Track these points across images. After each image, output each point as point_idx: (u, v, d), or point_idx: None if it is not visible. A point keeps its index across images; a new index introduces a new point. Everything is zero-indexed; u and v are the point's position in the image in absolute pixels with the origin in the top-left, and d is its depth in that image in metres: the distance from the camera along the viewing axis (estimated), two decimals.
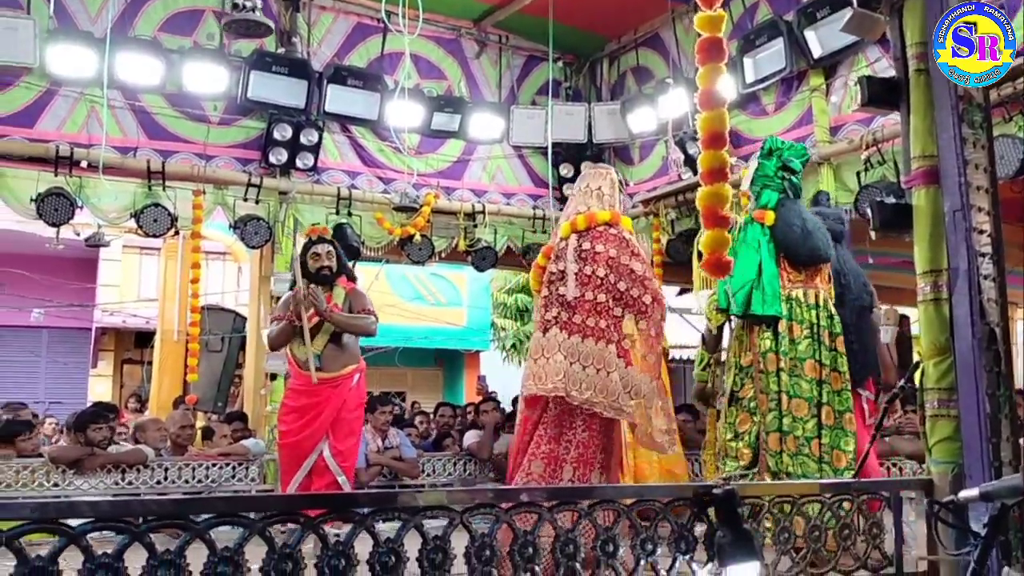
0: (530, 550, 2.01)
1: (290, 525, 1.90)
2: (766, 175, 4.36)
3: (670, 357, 13.75)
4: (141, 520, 1.72)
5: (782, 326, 4.10)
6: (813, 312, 4.17)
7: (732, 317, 4.34)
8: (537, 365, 3.66)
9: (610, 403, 3.60)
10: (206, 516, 1.75)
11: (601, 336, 3.65)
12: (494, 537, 1.98)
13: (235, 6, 4.93)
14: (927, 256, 2.66)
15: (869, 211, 2.86)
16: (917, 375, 2.75)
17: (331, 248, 5.47)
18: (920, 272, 2.68)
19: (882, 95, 2.80)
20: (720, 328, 4.60)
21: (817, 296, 4.21)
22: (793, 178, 4.40)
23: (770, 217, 4.24)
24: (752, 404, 4.10)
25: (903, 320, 6.16)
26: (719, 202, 2.79)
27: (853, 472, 3.28)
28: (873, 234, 2.86)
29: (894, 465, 5.49)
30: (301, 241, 5.92)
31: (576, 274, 3.71)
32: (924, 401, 2.66)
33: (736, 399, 4.15)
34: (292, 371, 5.42)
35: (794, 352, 4.09)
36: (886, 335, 3.37)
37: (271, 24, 5.19)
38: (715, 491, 2.21)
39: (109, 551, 1.66)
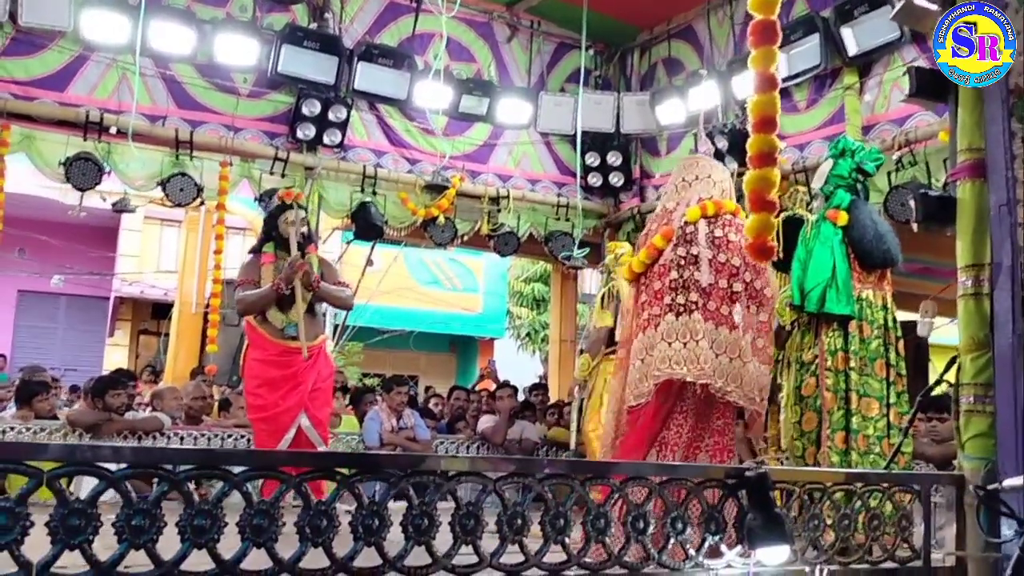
0: (561, 521, 2.00)
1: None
2: (840, 175, 4.34)
3: None
4: (174, 468, 1.71)
5: (852, 325, 4.11)
6: (881, 313, 4.19)
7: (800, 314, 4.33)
8: (687, 349, 3.57)
9: (745, 393, 3.59)
10: (242, 469, 1.75)
11: (736, 325, 3.63)
12: (525, 507, 1.97)
13: None
14: (970, 250, 2.63)
15: (912, 203, 2.83)
16: (952, 371, 2.72)
17: (304, 214, 5.41)
18: (961, 266, 2.65)
19: (930, 87, 2.77)
20: (793, 324, 4.58)
21: (884, 298, 4.23)
22: (866, 180, 4.41)
23: (843, 217, 4.22)
24: (817, 402, 4.10)
25: (913, 327, 6.13)
26: (767, 186, 2.77)
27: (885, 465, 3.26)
28: (915, 226, 2.83)
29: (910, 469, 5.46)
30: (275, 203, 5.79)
31: (710, 260, 3.68)
32: (959, 396, 2.64)
33: (800, 397, 4.14)
34: (258, 340, 5.18)
35: (865, 351, 4.09)
36: (924, 328, 3.34)
37: None
38: (747, 474, 2.19)
39: (147, 497, 1.66)
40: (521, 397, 7.84)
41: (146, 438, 6.05)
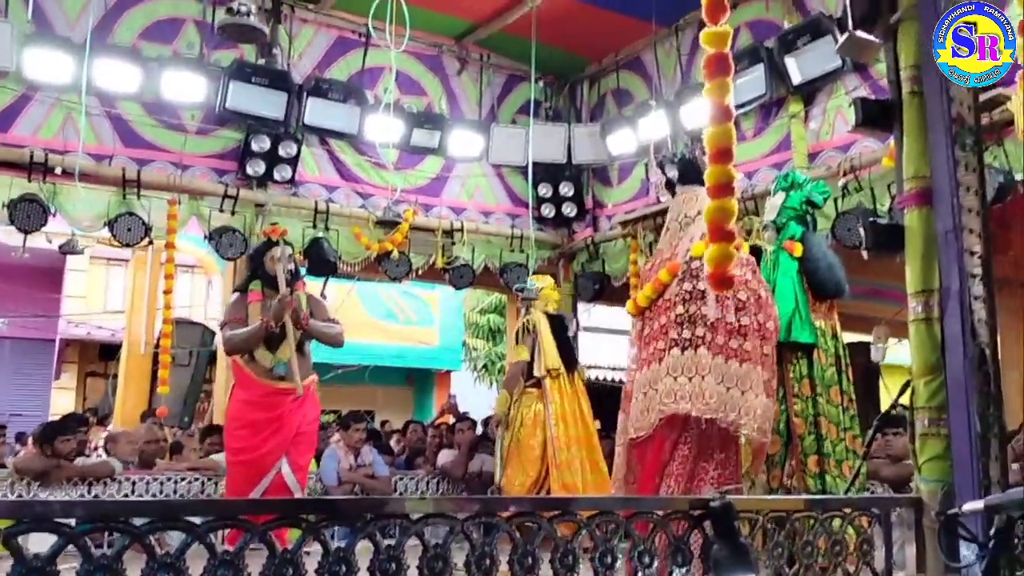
0: (529, 560, 1.99)
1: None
2: (792, 207, 4.48)
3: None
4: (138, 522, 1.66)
5: (816, 353, 4.21)
6: (832, 342, 4.34)
7: None
8: (691, 384, 3.60)
9: (758, 426, 3.62)
10: (204, 520, 1.70)
11: (747, 358, 3.66)
12: (495, 546, 1.95)
13: (229, 11, 4.89)
14: (919, 276, 2.69)
15: (862, 231, 2.89)
16: (906, 395, 2.77)
17: (291, 250, 5.36)
18: (912, 292, 2.71)
19: (876, 117, 2.84)
20: None
21: (834, 327, 4.39)
22: (815, 212, 4.54)
23: (799, 248, 4.34)
24: (781, 427, 4.16)
25: (865, 349, 6.26)
26: (726, 217, 2.80)
27: (845, 489, 3.31)
28: (865, 254, 2.89)
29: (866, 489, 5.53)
30: (260, 240, 5.76)
31: (717, 295, 3.71)
32: (914, 420, 2.69)
33: None
34: (244, 381, 5.13)
35: (822, 379, 4.19)
36: (877, 354, 3.41)
37: (265, 29, 5.15)
38: (712, 504, 2.20)
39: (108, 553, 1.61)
40: (480, 430, 7.79)
41: (97, 484, 5.90)
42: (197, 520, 1.70)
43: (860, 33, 2.80)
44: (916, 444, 2.67)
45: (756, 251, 4.41)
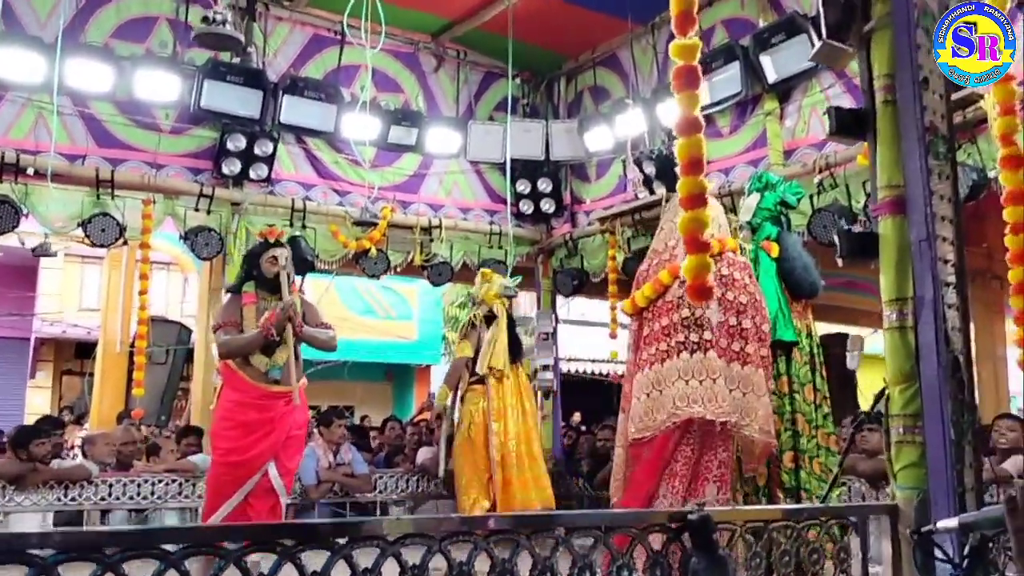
0: None
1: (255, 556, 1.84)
2: (766, 208, 4.51)
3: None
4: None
5: (795, 352, 4.27)
6: (807, 341, 4.37)
7: None
8: (703, 387, 3.63)
9: (760, 427, 3.67)
10: (179, 547, 1.69)
11: (748, 361, 3.72)
12: (472, 565, 1.95)
13: (205, 19, 4.85)
14: (893, 284, 2.71)
15: (836, 238, 2.91)
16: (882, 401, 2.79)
17: (288, 253, 5.35)
18: (886, 300, 2.73)
19: (849, 125, 2.86)
20: None
21: (808, 326, 4.42)
22: (788, 212, 4.57)
23: (775, 249, 4.38)
24: None
25: (841, 340, 6.33)
26: (699, 227, 2.81)
27: (820, 497, 3.35)
28: (840, 261, 2.91)
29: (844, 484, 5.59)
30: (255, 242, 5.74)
31: (719, 298, 3.75)
32: (889, 427, 2.71)
33: None
34: (237, 383, 5.12)
35: (799, 376, 4.25)
36: (852, 361, 3.44)
37: (241, 38, 5.11)
38: (690, 516, 2.21)
39: None
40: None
41: (73, 487, 5.85)
42: (172, 548, 1.69)
43: (833, 41, 2.81)
44: (892, 451, 2.70)
45: None
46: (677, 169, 2.92)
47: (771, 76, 6.20)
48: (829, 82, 5.96)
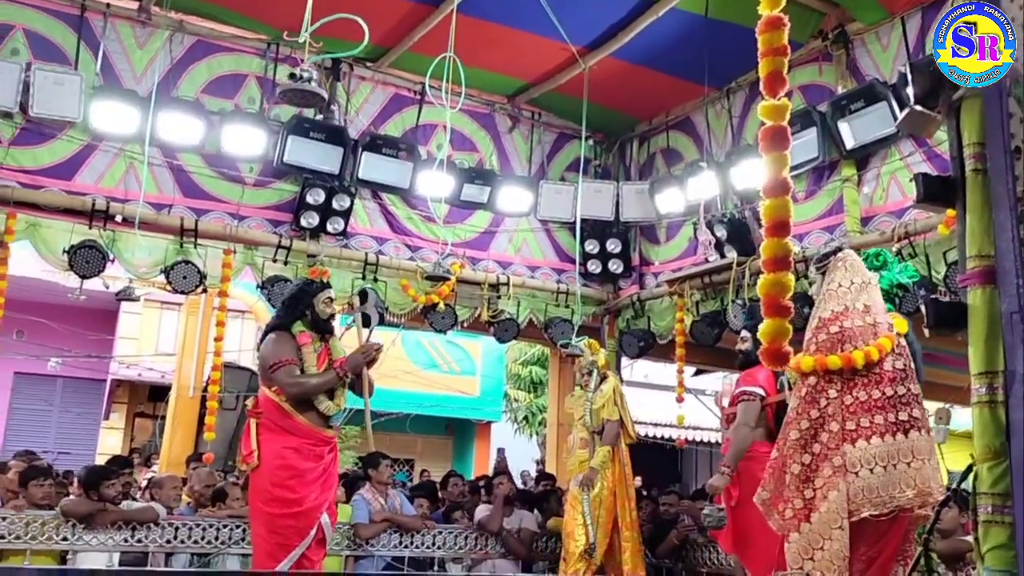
0: None
1: None
2: (883, 289, 4.43)
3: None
4: None
5: None
6: None
7: None
8: (928, 467, 3.62)
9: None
10: None
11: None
12: None
13: (292, 76, 5.06)
14: (982, 357, 2.63)
15: (923, 308, 2.84)
16: (970, 479, 2.69)
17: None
18: (975, 373, 2.65)
19: (937, 193, 2.81)
20: None
21: None
22: (904, 295, 4.52)
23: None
24: None
25: None
26: (782, 291, 2.78)
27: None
28: (927, 332, 2.84)
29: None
30: (300, 279, 5.74)
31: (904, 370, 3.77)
32: (977, 506, 2.61)
33: None
34: (296, 428, 4.95)
35: None
36: (939, 435, 3.33)
37: (324, 95, 5.30)
38: None
39: None
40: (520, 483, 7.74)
41: (140, 528, 5.94)
42: None
43: (921, 108, 2.78)
44: (980, 531, 2.59)
45: None
46: (762, 230, 2.89)
47: (849, 142, 6.15)
48: (909, 150, 5.89)
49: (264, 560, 4.95)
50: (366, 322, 5.29)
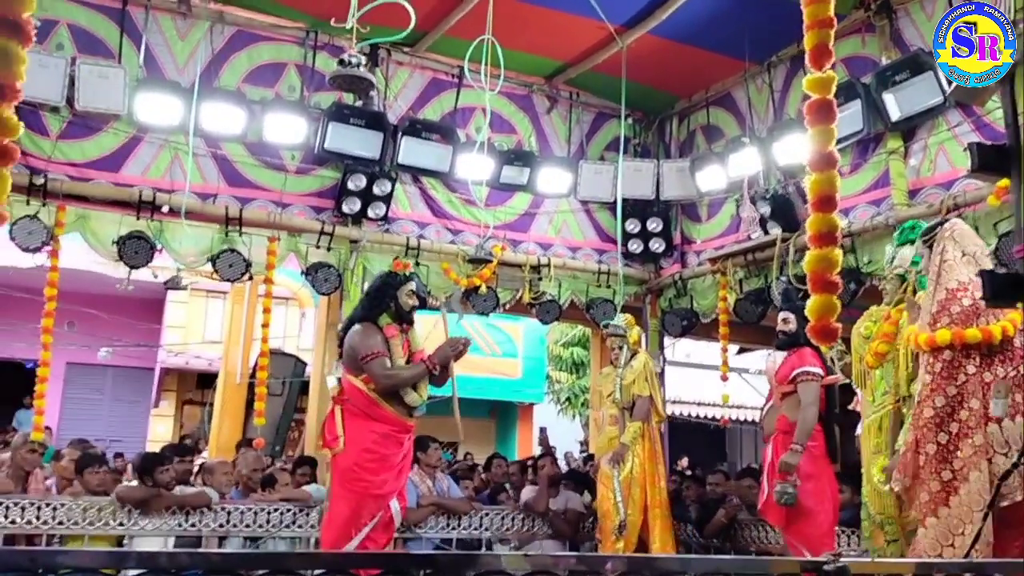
0: None
1: None
2: (920, 262, 4.37)
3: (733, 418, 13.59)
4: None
5: None
6: None
7: None
8: None
9: None
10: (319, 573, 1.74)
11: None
12: None
13: (341, 62, 5.12)
14: None
15: (980, 280, 2.78)
16: None
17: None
18: None
19: (992, 162, 2.75)
20: None
21: None
22: None
23: None
24: None
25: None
26: (830, 266, 2.74)
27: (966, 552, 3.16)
28: (983, 303, 2.78)
29: None
30: (381, 272, 5.83)
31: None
32: None
33: None
34: (382, 416, 5.11)
35: None
36: (998, 408, 3.24)
37: (373, 79, 5.35)
38: (825, 567, 2.13)
39: None
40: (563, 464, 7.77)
41: (194, 513, 6.06)
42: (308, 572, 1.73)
43: None
44: None
45: None
46: (808, 205, 2.85)
47: (895, 114, 6.03)
48: (957, 120, 5.75)
49: (335, 539, 5.08)
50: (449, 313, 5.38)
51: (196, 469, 7.24)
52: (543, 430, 12.20)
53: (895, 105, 6.02)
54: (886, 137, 6.27)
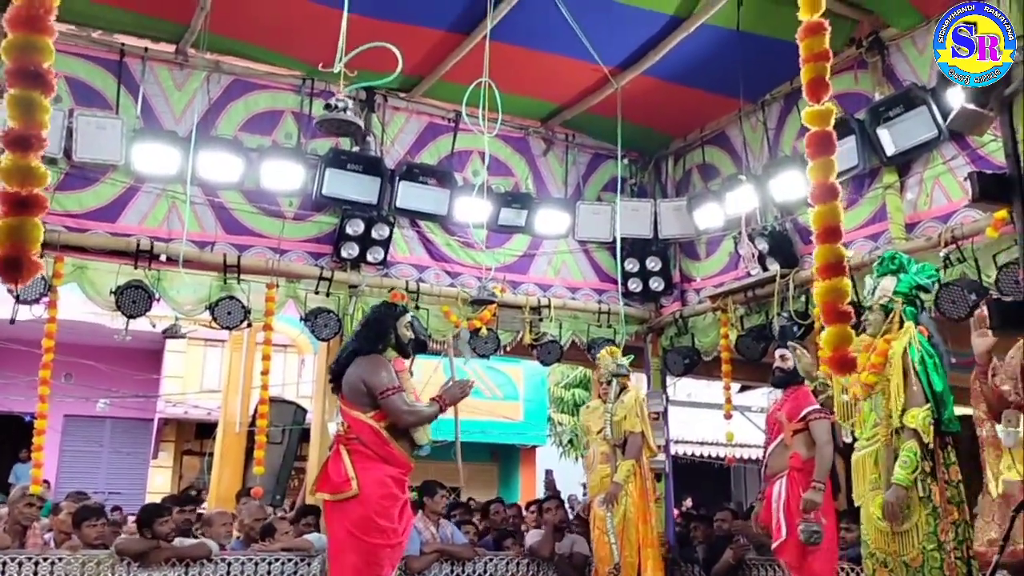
0: None
1: None
2: (903, 292, 4.40)
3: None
4: None
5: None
6: None
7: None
8: None
9: None
10: None
11: None
12: None
13: (328, 107, 5.13)
14: None
15: (986, 309, 2.77)
16: None
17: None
18: None
19: (993, 191, 2.75)
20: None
21: None
22: (923, 297, 4.46)
23: (926, 331, 4.25)
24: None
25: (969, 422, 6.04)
26: (840, 297, 2.74)
27: None
28: (990, 333, 2.77)
29: None
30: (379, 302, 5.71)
31: None
32: None
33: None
34: (391, 457, 4.84)
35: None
36: (1009, 438, 3.21)
37: (360, 123, 5.36)
38: None
39: None
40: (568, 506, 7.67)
41: (194, 565, 5.96)
42: None
43: (973, 106, 2.73)
44: None
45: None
46: (813, 237, 2.83)
47: (889, 149, 6.06)
48: (952, 153, 5.79)
49: None
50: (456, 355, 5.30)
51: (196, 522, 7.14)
52: (548, 472, 12.07)
53: (890, 140, 6.05)
54: (882, 172, 6.30)
